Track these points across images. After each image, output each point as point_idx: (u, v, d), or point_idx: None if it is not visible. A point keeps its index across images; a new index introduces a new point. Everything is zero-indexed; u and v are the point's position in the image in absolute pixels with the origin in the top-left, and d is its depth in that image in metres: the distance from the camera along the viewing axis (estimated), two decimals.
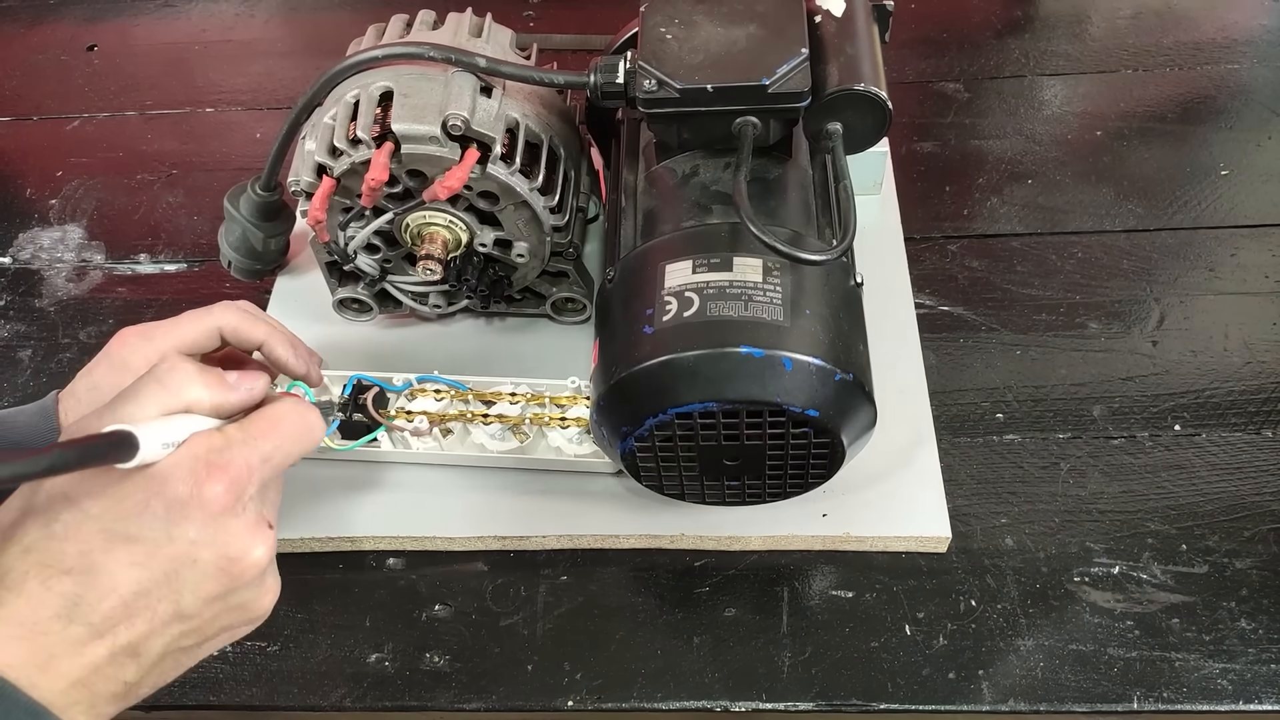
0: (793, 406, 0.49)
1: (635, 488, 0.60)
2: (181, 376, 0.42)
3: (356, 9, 1.01)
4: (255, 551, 0.40)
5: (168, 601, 0.38)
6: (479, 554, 0.61)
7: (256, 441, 0.41)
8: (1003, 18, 0.94)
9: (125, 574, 0.38)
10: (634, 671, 0.57)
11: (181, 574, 0.38)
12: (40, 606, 0.36)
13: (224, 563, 0.39)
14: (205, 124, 0.91)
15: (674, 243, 0.55)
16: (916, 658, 0.56)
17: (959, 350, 0.69)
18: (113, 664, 0.38)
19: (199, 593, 0.39)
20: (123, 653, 0.38)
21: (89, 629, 0.37)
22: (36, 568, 0.37)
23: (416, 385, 0.63)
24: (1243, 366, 0.67)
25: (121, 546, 0.38)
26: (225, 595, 0.40)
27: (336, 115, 0.58)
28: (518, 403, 0.62)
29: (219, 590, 0.40)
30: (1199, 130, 0.82)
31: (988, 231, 0.76)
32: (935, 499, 0.60)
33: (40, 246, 0.82)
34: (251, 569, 0.40)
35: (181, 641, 0.40)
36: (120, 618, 0.38)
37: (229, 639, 0.43)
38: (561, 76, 0.59)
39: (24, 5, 1.04)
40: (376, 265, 0.66)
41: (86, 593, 0.37)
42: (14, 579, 0.37)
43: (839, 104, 0.55)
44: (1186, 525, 0.60)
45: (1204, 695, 0.54)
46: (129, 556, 0.38)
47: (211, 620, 0.40)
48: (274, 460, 0.41)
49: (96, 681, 0.38)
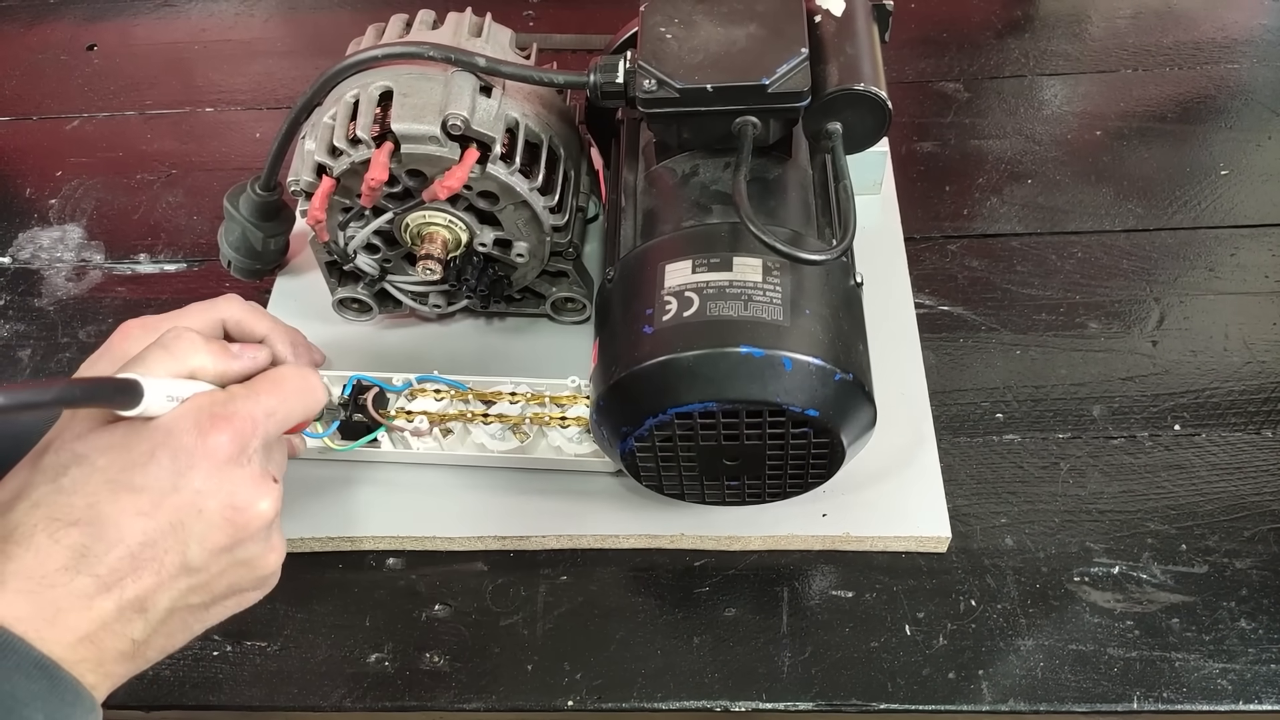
0: (792, 406, 0.49)
1: (635, 488, 0.60)
2: (187, 344, 0.43)
3: (356, 9, 1.01)
4: (261, 503, 0.40)
5: (174, 553, 0.39)
6: (479, 554, 0.61)
7: (260, 397, 0.41)
8: (1003, 18, 0.94)
9: (132, 524, 0.38)
10: (634, 671, 0.57)
11: (188, 524, 0.39)
12: (48, 559, 0.37)
13: (230, 512, 0.40)
14: (205, 124, 0.91)
15: (674, 242, 0.55)
16: (916, 658, 0.56)
17: (959, 350, 0.69)
18: (120, 619, 0.38)
19: (206, 543, 0.39)
20: (130, 607, 0.38)
21: (96, 581, 0.37)
22: (44, 521, 0.37)
23: (416, 385, 0.63)
24: (1243, 366, 0.67)
25: (127, 496, 0.38)
26: (232, 548, 0.40)
27: (336, 115, 0.58)
28: (517, 402, 0.62)
29: (225, 541, 0.40)
30: (1199, 130, 0.82)
31: (988, 231, 0.76)
32: (935, 499, 0.60)
33: (40, 246, 0.82)
34: (257, 520, 0.40)
35: (189, 598, 0.40)
36: (127, 569, 0.38)
37: (237, 605, 0.43)
38: (561, 76, 0.59)
39: (23, 5, 1.04)
40: (376, 265, 0.66)
41: (93, 544, 0.37)
42: (22, 533, 0.37)
43: (839, 104, 0.55)
44: (1186, 525, 0.60)
45: (1204, 695, 0.54)
46: (135, 506, 0.38)
47: (219, 575, 0.40)
48: (277, 416, 0.42)
49: (104, 637, 0.38)
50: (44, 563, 0.37)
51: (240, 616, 0.59)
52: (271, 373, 0.43)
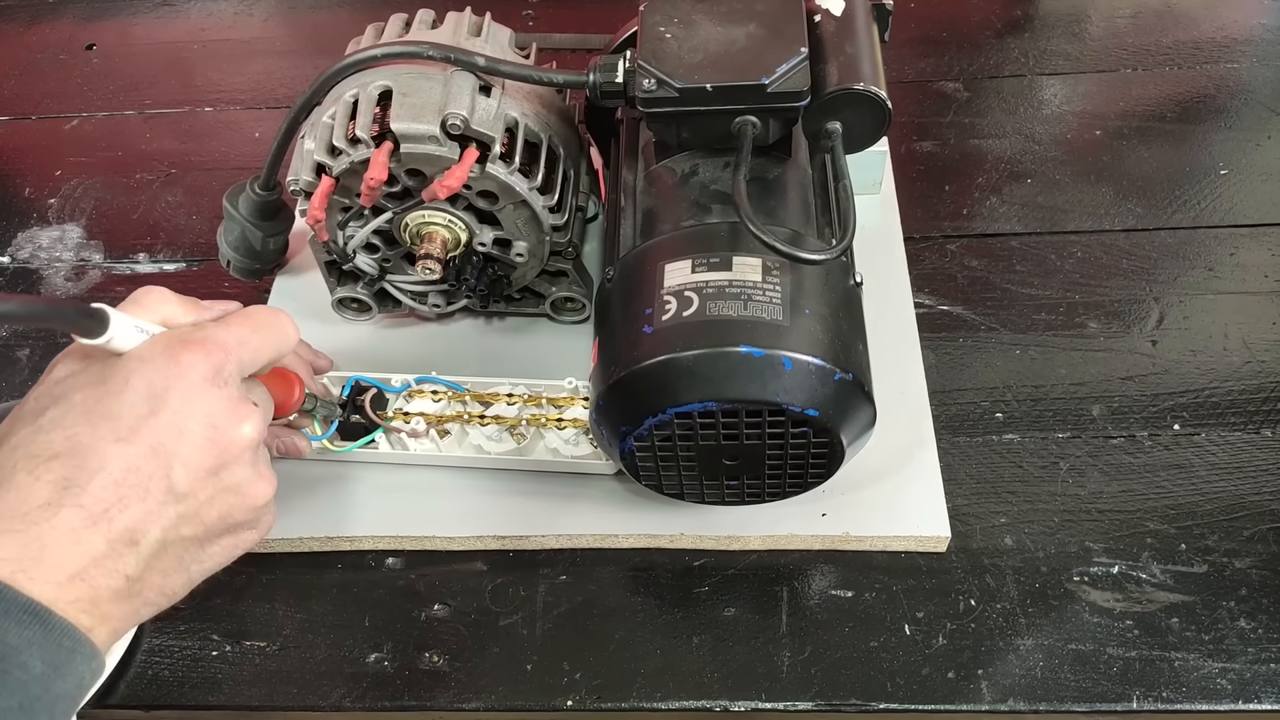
0: (792, 406, 0.49)
1: (635, 488, 0.60)
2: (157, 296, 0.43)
3: (356, 8, 1.01)
4: (243, 426, 0.40)
5: (159, 477, 0.38)
6: (478, 554, 0.61)
7: (230, 326, 0.41)
8: (1003, 17, 0.94)
9: (111, 450, 0.37)
10: (633, 671, 0.57)
11: (169, 445, 0.38)
12: (29, 496, 0.36)
13: (210, 432, 0.39)
14: (204, 123, 0.91)
15: (673, 242, 0.55)
16: (916, 657, 0.56)
17: (959, 350, 0.69)
18: (111, 553, 0.37)
19: (190, 466, 0.39)
20: (119, 539, 0.37)
21: (80, 512, 0.36)
22: (24, 460, 0.37)
23: (415, 386, 0.63)
24: (1242, 366, 0.67)
25: (105, 424, 0.37)
26: (217, 470, 0.40)
27: (335, 114, 0.58)
28: (515, 403, 0.62)
29: (210, 463, 0.39)
30: (1199, 130, 0.82)
31: (987, 231, 0.76)
32: (935, 499, 0.60)
33: (39, 246, 0.82)
34: (240, 441, 0.40)
35: (181, 529, 0.39)
36: (112, 498, 0.37)
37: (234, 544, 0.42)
38: (561, 76, 0.59)
39: (23, 4, 1.04)
40: (375, 265, 0.66)
41: (75, 474, 0.37)
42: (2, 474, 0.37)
43: (838, 103, 0.55)
44: (1186, 525, 0.60)
45: (1204, 695, 0.54)
46: (113, 433, 0.37)
47: (208, 503, 0.40)
48: (249, 345, 0.42)
49: (96, 574, 0.37)
50: (25, 500, 0.36)
51: (240, 616, 0.60)
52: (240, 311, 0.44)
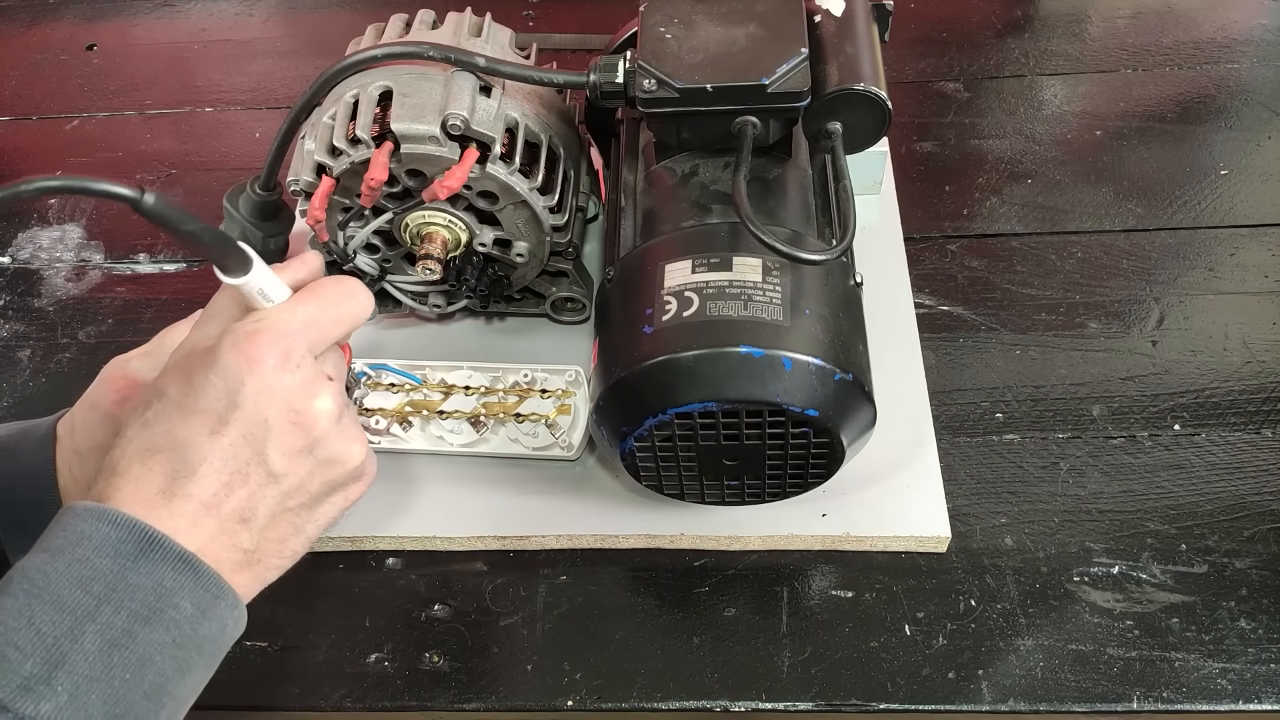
0: (792, 406, 0.49)
1: (635, 488, 0.60)
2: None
3: (356, 9, 1.01)
4: (318, 402, 0.42)
5: (255, 464, 0.41)
6: (478, 554, 0.61)
7: (296, 309, 0.43)
8: (1003, 18, 0.94)
9: (208, 443, 0.40)
10: (634, 671, 0.57)
11: (257, 434, 0.41)
12: (145, 486, 0.40)
13: (292, 415, 0.42)
14: (204, 123, 0.91)
15: (673, 242, 0.55)
16: (916, 658, 0.56)
17: (959, 350, 0.69)
18: (224, 532, 0.41)
19: (282, 449, 0.41)
20: (231, 519, 0.41)
21: (191, 500, 0.40)
22: (136, 452, 0.41)
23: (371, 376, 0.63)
24: (1242, 366, 0.67)
25: (195, 418, 0.41)
26: (309, 448, 0.42)
27: (336, 115, 0.58)
28: (473, 394, 0.63)
29: (300, 444, 0.42)
30: (1199, 130, 0.82)
31: (987, 231, 0.76)
32: (935, 499, 0.60)
33: (39, 246, 0.82)
34: (321, 418, 0.42)
35: (286, 502, 0.42)
36: (217, 485, 0.40)
37: (344, 499, 0.45)
38: (561, 76, 0.59)
39: (23, 5, 1.04)
40: (376, 265, 0.66)
41: (180, 465, 0.40)
42: (121, 466, 0.41)
43: (838, 104, 0.55)
44: (1186, 525, 0.60)
45: (1204, 695, 0.54)
46: (205, 426, 0.41)
47: (308, 477, 0.43)
48: (319, 323, 0.43)
49: (217, 551, 0.40)
50: (142, 490, 0.40)
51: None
52: (310, 285, 0.45)
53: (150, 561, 0.38)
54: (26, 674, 0.35)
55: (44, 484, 0.53)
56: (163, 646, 0.38)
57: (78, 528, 0.38)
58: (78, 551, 0.38)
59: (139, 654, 0.37)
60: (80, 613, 0.36)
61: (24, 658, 0.35)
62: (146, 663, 0.37)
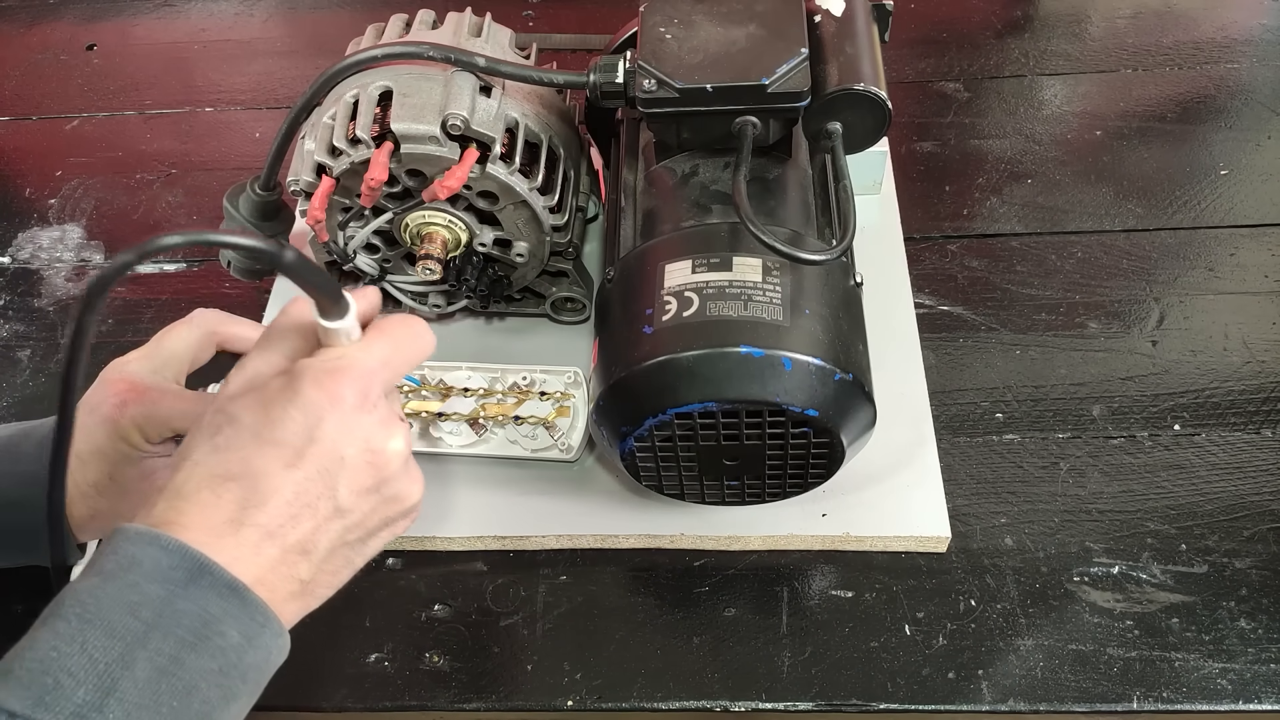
0: (792, 406, 0.49)
1: (635, 487, 0.60)
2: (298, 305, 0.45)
3: (356, 9, 1.01)
4: (393, 443, 0.43)
5: (325, 498, 0.41)
6: (478, 554, 0.61)
7: (372, 348, 0.43)
8: (1003, 18, 0.94)
9: (282, 476, 0.40)
10: (634, 671, 0.57)
11: (332, 470, 0.41)
12: (214, 513, 0.40)
13: (368, 455, 0.42)
14: (204, 123, 0.91)
15: (673, 242, 0.55)
16: (916, 657, 0.56)
17: (959, 350, 0.69)
18: (285, 562, 0.41)
19: (352, 486, 0.42)
20: (293, 550, 0.41)
21: (259, 530, 0.40)
22: (206, 479, 0.40)
23: None
24: (1242, 366, 0.67)
25: (273, 450, 0.41)
26: (377, 487, 0.43)
27: (336, 115, 0.58)
28: (471, 396, 0.63)
29: (370, 483, 0.43)
30: (1199, 130, 0.82)
31: (987, 231, 0.76)
32: (935, 499, 0.60)
33: (39, 246, 0.82)
34: (394, 459, 0.43)
35: (346, 536, 0.43)
36: (286, 517, 0.40)
37: (390, 534, 0.45)
38: (561, 76, 0.59)
39: (23, 5, 1.04)
40: (376, 265, 0.66)
41: (251, 495, 0.40)
42: (189, 490, 0.40)
43: (838, 104, 0.55)
44: (1186, 525, 0.60)
45: (1204, 695, 0.54)
46: (282, 459, 0.41)
47: (370, 514, 0.43)
48: (392, 364, 0.44)
49: (274, 580, 0.40)
50: (210, 517, 0.40)
51: None
52: (379, 323, 0.45)
53: (199, 588, 0.38)
54: (80, 701, 0.35)
55: (44, 485, 0.53)
56: (209, 674, 0.38)
57: (129, 551, 0.38)
58: (128, 576, 0.38)
59: (186, 682, 0.37)
60: (131, 639, 0.36)
61: (77, 684, 0.35)
62: (193, 691, 0.37)
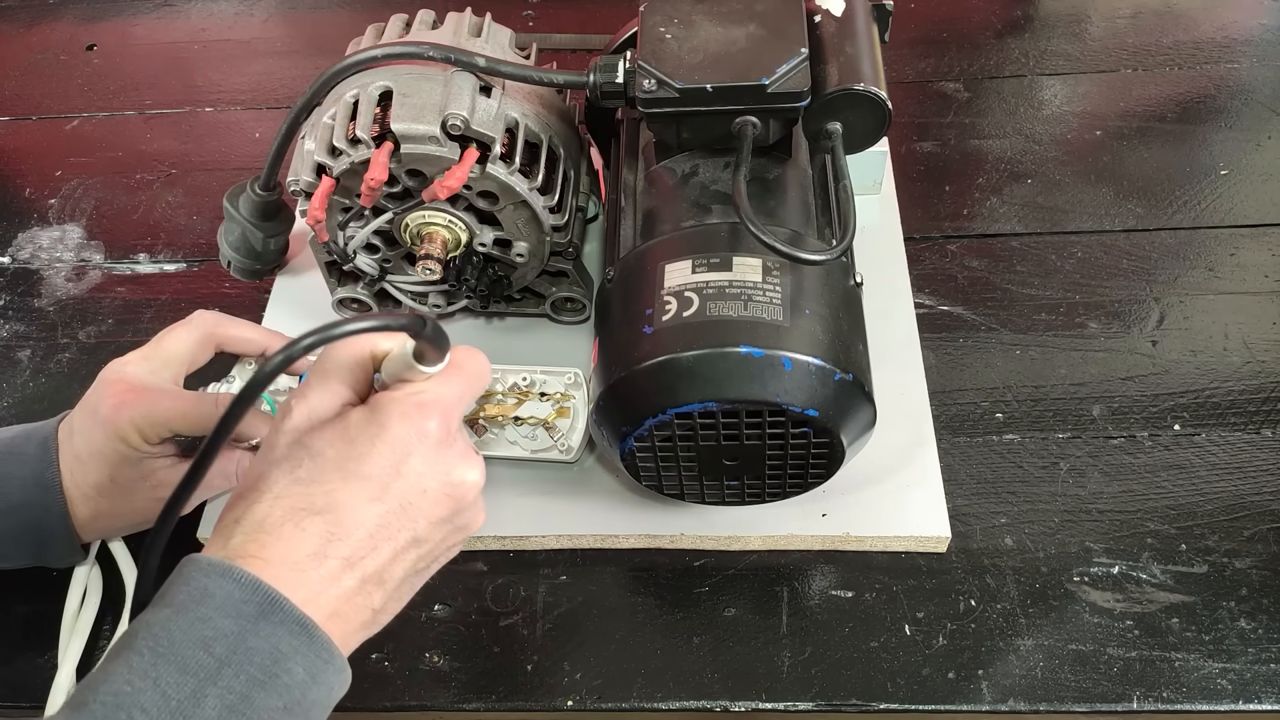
0: (792, 406, 0.49)
1: (635, 487, 0.60)
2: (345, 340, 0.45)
3: (356, 9, 1.01)
4: (471, 475, 0.44)
5: (406, 530, 0.42)
6: (478, 554, 0.61)
7: (451, 384, 0.44)
8: (1003, 18, 0.94)
9: (367, 509, 0.41)
10: (634, 671, 0.57)
11: (415, 503, 0.42)
12: (298, 546, 0.40)
13: (449, 488, 0.43)
14: (204, 123, 0.91)
15: (673, 242, 0.55)
16: (916, 657, 0.56)
17: (959, 350, 0.69)
18: (361, 593, 0.41)
19: (430, 517, 0.43)
20: (370, 580, 0.41)
21: (342, 562, 0.40)
22: (289, 512, 0.40)
23: None
24: (1242, 366, 0.67)
25: (358, 484, 0.41)
26: (451, 517, 0.44)
27: (336, 115, 0.58)
28: None
29: (446, 513, 0.43)
30: (1199, 130, 0.82)
31: (987, 231, 0.76)
32: (935, 499, 0.60)
33: (39, 246, 0.82)
34: (472, 490, 0.44)
35: (417, 565, 0.44)
36: (367, 549, 0.41)
37: (447, 558, 0.46)
38: (561, 76, 0.59)
39: (23, 5, 1.04)
40: (376, 265, 0.66)
41: (336, 529, 0.40)
42: (271, 523, 0.40)
43: (838, 104, 0.55)
44: (1186, 525, 0.60)
45: (1204, 695, 0.54)
46: (367, 493, 0.41)
47: (441, 542, 0.44)
48: (465, 398, 0.45)
49: (349, 611, 0.41)
50: (294, 550, 0.40)
51: None
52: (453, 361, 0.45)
53: (270, 624, 0.38)
54: None
55: (47, 487, 0.53)
56: (275, 712, 0.38)
57: (201, 583, 0.38)
58: (200, 610, 0.38)
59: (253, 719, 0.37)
60: (203, 675, 0.36)
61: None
62: None
